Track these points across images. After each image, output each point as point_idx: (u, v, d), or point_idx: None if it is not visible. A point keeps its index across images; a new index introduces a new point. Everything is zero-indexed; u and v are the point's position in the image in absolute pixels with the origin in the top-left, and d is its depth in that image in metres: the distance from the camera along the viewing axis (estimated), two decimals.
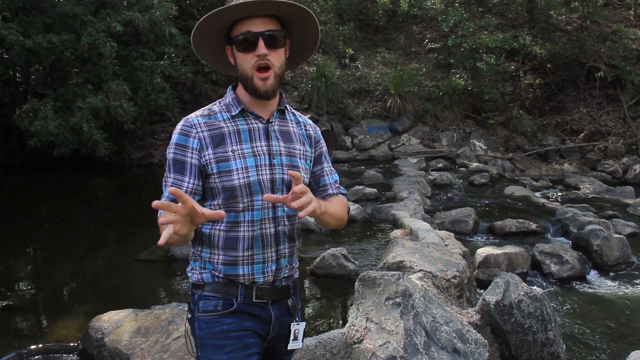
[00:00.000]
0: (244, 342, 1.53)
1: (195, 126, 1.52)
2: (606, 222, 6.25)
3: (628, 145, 12.18)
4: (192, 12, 14.88)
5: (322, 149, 1.73)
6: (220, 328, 1.52)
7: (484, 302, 3.17)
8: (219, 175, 1.51)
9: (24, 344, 3.71)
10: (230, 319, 1.53)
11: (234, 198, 1.52)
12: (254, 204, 1.53)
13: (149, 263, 5.58)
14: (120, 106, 9.88)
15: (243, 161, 1.52)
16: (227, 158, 1.51)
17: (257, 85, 1.52)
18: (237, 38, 1.51)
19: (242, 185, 1.51)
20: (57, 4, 10.04)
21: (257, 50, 1.48)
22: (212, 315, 1.54)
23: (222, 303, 1.54)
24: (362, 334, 2.67)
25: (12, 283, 5.26)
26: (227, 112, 1.57)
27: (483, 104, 13.94)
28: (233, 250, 1.54)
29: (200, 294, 1.56)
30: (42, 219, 8.38)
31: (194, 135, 1.51)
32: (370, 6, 17.81)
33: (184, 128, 1.52)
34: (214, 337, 1.52)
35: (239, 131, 1.55)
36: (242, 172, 1.51)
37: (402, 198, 7.39)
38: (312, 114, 13.31)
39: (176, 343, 3.06)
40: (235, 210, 1.53)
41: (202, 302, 1.55)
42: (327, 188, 1.72)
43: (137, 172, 11.61)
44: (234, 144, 1.53)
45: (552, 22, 14.98)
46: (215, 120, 1.55)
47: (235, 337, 1.52)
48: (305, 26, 1.59)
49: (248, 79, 1.52)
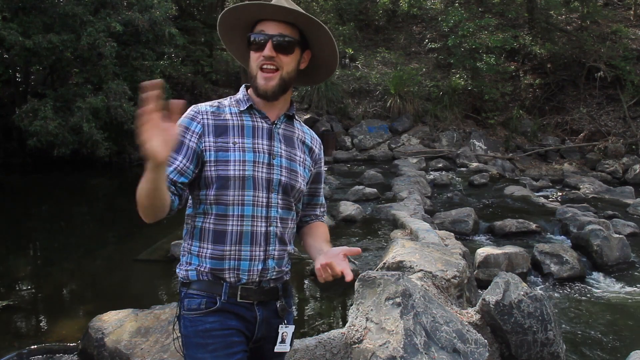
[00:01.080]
0: (227, 340, 1.52)
1: (202, 113, 1.56)
2: (606, 222, 6.25)
3: (628, 145, 12.19)
4: (192, 12, 14.89)
5: (321, 168, 1.79)
6: (204, 327, 1.53)
7: (484, 302, 3.17)
8: (216, 163, 1.52)
9: (24, 344, 3.71)
10: (213, 318, 1.53)
11: (225, 189, 1.53)
12: (244, 198, 1.54)
13: (149, 263, 5.58)
14: (120, 106, 9.88)
15: (242, 154, 1.54)
16: (226, 148, 1.53)
17: (258, 83, 1.55)
18: (250, 37, 1.56)
19: (236, 177, 1.52)
20: (57, 4, 10.04)
21: (264, 51, 1.52)
22: (196, 313, 1.54)
23: (205, 302, 1.54)
24: (362, 334, 2.67)
25: (12, 283, 5.25)
26: (236, 107, 1.60)
27: (483, 104, 13.94)
28: (221, 244, 1.54)
29: (185, 291, 1.57)
30: (42, 219, 8.38)
31: (199, 120, 1.55)
32: (370, 6, 17.82)
33: (191, 113, 1.56)
34: (197, 335, 1.53)
35: (243, 126, 1.58)
36: (239, 164, 1.53)
37: (402, 198, 7.39)
38: (312, 114, 13.31)
39: (176, 343, 3.05)
40: (224, 203, 1.53)
41: (186, 300, 1.56)
42: (317, 208, 1.80)
43: (137, 172, 11.56)
44: (236, 136, 1.55)
45: (552, 22, 14.99)
46: (223, 112, 1.59)
47: (218, 336, 1.52)
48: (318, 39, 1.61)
49: (253, 76, 1.57)
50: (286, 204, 1.61)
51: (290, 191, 1.61)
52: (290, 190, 1.61)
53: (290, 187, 1.60)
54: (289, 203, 1.63)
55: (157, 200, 1.38)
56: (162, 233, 6.47)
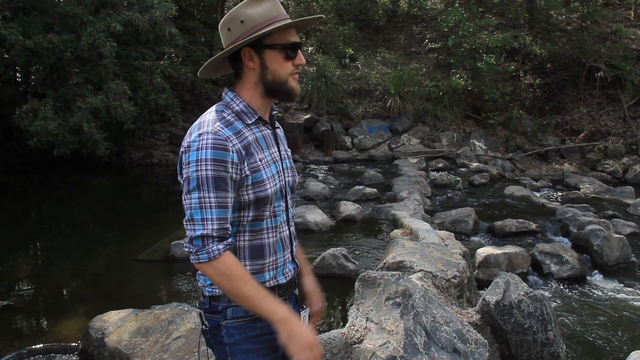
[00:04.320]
0: (274, 344, 1.56)
1: (230, 139, 1.45)
2: (606, 222, 6.25)
3: (628, 145, 12.18)
4: (192, 12, 14.88)
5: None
6: (254, 332, 1.55)
7: (484, 302, 3.17)
8: (253, 186, 1.50)
9: (24, 344, 3.72)
10: (261, 323, 1.54)
11: (264, 207, 1.53)
12: (276, 210, 1.58)
13: (149, 263, 5.58)
14: (120, 106, 9.88)
15: (270, 169, 1.54)
16: (258, 168, 1.50)
17: (293, 86, 1.56)
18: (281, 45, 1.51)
19: (273, 193, 1.54)
20: (57, 4, 10.04)
21: (298, 59, 1.54)
22: (244, 320, 1.55)
23: None
24: (362, 334, 2.67)
25: (12, 283, 5.26)
26: (241, 120, 1.52)
27: (483, 104, 13.94)
28: (260, 259, 1.56)
29: (226, 303, 1.55)
30: (42, 219, 8.38)
31: (231, 149, 1.44)
32: (370, 6, 17.81)
33: (218, 142, 1.43)
34: (247, 342, 1.55)
35: (257, 139, 1.55)
36: (271, 180, 1.53)
37: (402, 198, 7.39)
38: (312, 114, 13.31)
39: (176, 343, 3.06)
40: (261, 219, 1.55)
41: (230, 310, 1.55)
42: None
43: (137, 172, 11.61)
44: (258, 152, 1.53)
45: (552, 22, 14.97)
46: (236, 130, 1.50)
47: (267, 340, 1.56)
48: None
49: (282, 83, 1.54)
50: (293, 202, 1.70)
51: (294, 188, 1.70)
52: (294, 187, 1.70)
53: (294, 185, 1.69)
54: (294, 199, 1.71)
55: None
56: (162, 233, 6.48)
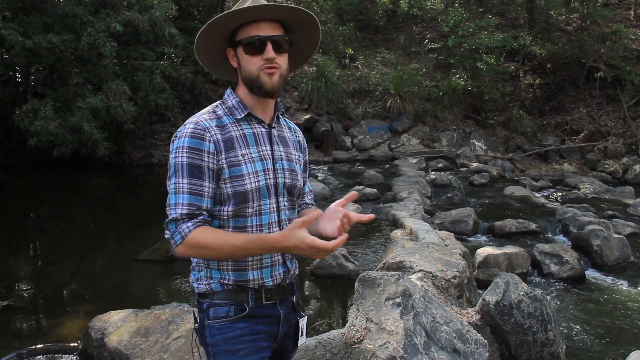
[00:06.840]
0: (257, 345, 1.55)
1: (209, 129, 1.49)
2: (606, 222, 6.25)
3: (628, 145, 12.18)
4: (192, 12, 14.88)
5: (307, 156, 1.79)
6: (234, 333, 1.53)
7: (484, 302, 3.17)
8: (231, 180, 1.50)
9: (24, 344, 3.71)
10: (243, 324, 1.54)
11: (244, 203, 1.52)
12: (261, 208, 1.55)
13: (149, 263, 5.58)
14: (120, 106, 9.88)
15: (252, 165, 1.53)
16: (237, 162, 1.50)
17: (263, 81, 1.51)
18: (245, 41, 1.50)
19: (253, 189, 1.52)
20: (57, 4, 10.04)
21: (266, 53, 1.49)
22: (224, 321, 1.54)
23: (233, 309, 1.55)
24: (362, 334, 2.67)
25: (12, 283, 5.26)
26: (231, 115, 1.55)
27: (483, 104, 13.94)
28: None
29: (209, 302, 1.56)
30: (42, 219, 8.38)
31: (208, 138, 1.48)
32: (370, 6, 17.82)
33: (197, 131, 1.48)
34: (227, 342, 1.53)
35: (245, 135, 1.55)
36: (253, 176, 1.52)
37: (402, 198, 7.38)
38: (312, 114, 13.31)
39: (176, 343, 3.06)
40: (244, 216, 1.54)
41: (212, 310, 1.55)
42: (306, 196, 1.79)
43: (137, 172, 11.61)
44: (242, 147, 1.53)
45: (552, 22, 14.98)
46: (223, 124, 1.53)
47: (248, 341, 1.54)
48: (308, 32, 1.61)
49: (253, 78, 1.52)
50: (291, 204, 1.65)
51: (294, 191, 1.65)
52: (294, 190, 1.64)
53: (293, 187, 1.64)
54: (293, 203, 1.67)
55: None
56: (162, 233, 6.45)
